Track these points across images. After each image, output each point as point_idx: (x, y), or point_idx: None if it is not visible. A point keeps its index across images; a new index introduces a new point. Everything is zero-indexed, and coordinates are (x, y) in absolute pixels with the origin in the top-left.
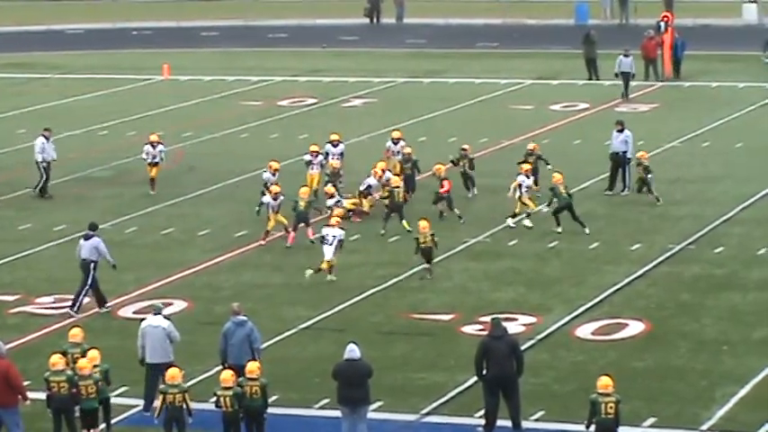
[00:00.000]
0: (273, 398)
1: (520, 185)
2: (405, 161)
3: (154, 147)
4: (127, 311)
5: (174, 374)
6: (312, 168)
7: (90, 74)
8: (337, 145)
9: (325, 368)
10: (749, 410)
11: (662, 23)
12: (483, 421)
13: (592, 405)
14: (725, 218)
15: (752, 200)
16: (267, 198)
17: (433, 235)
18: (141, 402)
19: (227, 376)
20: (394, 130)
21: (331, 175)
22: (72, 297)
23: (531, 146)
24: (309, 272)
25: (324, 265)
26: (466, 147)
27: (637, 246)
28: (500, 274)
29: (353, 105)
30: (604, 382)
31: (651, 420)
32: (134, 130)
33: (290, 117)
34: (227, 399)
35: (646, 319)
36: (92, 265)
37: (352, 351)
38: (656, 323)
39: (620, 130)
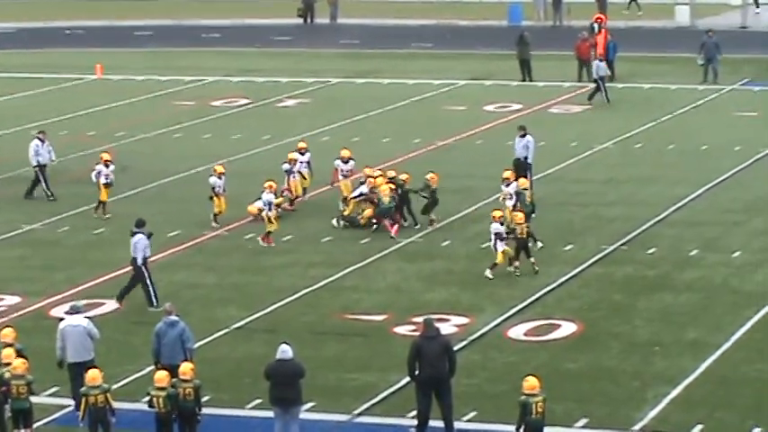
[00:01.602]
0: (205, 398)
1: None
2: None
3: (107, 166)
4: (59, 311)
5: (94, 376)
6: (292, 176)
7: (22, 73)
8: (304, 153)
9: (258, 368)
10: (681, 411)
11: (595, 25)
12: (415, 422)
13: (522, 407)
14: (657, 219)
15: (684, 201)
16: (270, 196)
17: (528, 227)
18: (72, 403)
19: (162, 376)
20: (343, 149)
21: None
22: None
23: (395, 174)
24: (488, 272)
25: (499, 260)
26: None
27: (569, 247)
28: (433, 274)
29: (287, 106)
30: (532, 383)
31: (583, 421)
32: (66, 130)
33: (224, 117)
34: (161, 399)
35: (578, 319)
36: (136, 261)
37: (285, 351)
38: (588, 324)
39: (523, 135)
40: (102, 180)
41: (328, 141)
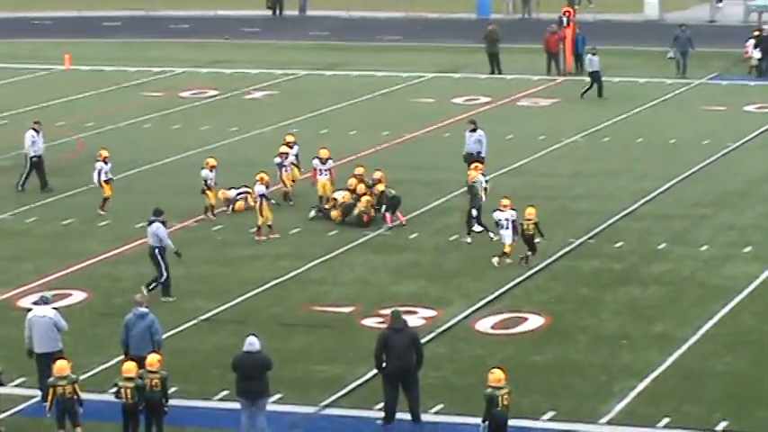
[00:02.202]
0: (172, 389)
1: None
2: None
3: (106, 162)
4: (26, 302)
5: (62, 367)
6: (285, 170)
7: None
8: (293, 146)
9: (225, 360)
10: (647, 404)
11: (564, 18)
12: (382, 414)
13: (489, 400)
14: (625, 213)
15: (652, 195)
16: (262, 188)
17: (537, 223)
18: (39, 393)
19: (130, 367)
20: (321, 148)
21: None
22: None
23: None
24: (495, 259)
25: (507, 249)
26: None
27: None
28: (400, 267)
29: (255, 97)
30: (497, 376)
31: (550, 414)
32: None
33: (192, 108)
34: (129, 390)
35: (545, 313)
36: (156, 250)
37: (252, 344)
38: (555, 317)
39: (473, 130)
40: (103, 177)
41: (296, 133)
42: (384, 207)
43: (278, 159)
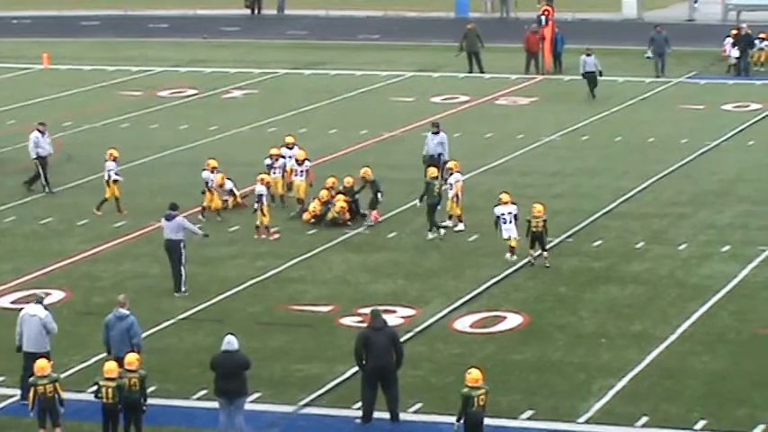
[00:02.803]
0: (151, 388)
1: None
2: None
3: (115, 161)
4: (4, 301)
5: (43, 366)
6: (274, 172)
7: None
8: (292, 147)
9: (204, 359)
10: (626, 403)
11: (542, 17)
12: (360, 413)
13: (465, 400)
14: (603, 211)
15: (630, 194)
16: (262, 189)
17: (545, 221)
18: (19, 392)
19: (111, 367)
20: (298, 149)
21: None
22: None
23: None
24: (508, 255)
25: (513, 243)
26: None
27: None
28: (379, 266)
29: (234, 96)
30: (475, 376)
31: (529, 413)
32: (13, 119)
33: (170, 107)
34: (109, 390)
35: (524, 312)
36: (181, 244)
37: (230, 343)
38: (534, 316)
39: (436, 132)
40: (113, 177)
41: (275, 132)
42: (369, 203)
43: (268, 161)
